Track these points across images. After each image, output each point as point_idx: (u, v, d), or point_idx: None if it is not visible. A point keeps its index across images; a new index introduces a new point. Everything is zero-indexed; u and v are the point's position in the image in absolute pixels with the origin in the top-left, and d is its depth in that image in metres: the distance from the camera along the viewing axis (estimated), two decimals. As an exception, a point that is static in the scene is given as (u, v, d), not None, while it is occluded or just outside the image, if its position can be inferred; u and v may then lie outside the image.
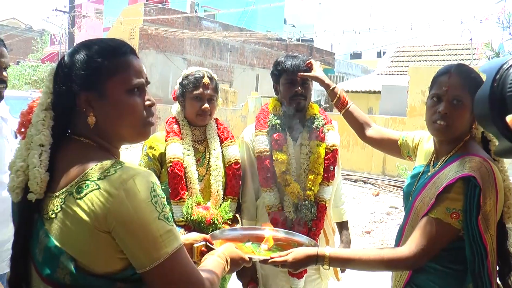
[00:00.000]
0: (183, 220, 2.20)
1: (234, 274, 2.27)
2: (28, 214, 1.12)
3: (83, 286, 1.08)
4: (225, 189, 2.36)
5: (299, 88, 2.33)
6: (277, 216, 2.30)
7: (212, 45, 22.61)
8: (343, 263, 1.70)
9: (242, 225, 2.43)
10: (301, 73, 2.28)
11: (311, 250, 1.65)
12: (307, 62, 2.32)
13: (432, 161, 1.75)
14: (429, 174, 1.70)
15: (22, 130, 1.19)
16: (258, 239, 1.82)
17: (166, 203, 1.11)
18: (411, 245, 1.54)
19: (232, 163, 2.37)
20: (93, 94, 1.15)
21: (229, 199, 2.34)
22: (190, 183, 2.25)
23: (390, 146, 2.09)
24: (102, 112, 1.17)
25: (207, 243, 1.62)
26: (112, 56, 1.17)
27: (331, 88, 2.22)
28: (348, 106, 2.19)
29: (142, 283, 1.11)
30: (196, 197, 2.24)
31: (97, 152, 1.16)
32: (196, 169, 2.29)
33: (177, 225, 2.18)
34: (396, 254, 1.56)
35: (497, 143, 1.67)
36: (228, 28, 23.71)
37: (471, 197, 1.47)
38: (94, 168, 1.08)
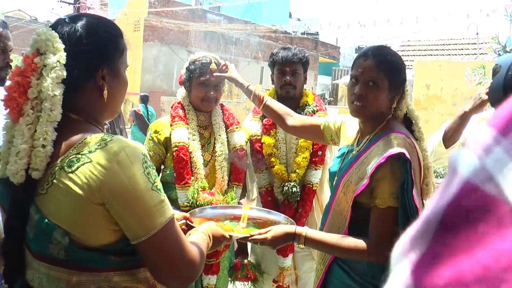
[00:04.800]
0: (188, 205, 2.21)
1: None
2: (28, 193, 1.09)
3: (77, 260, 1.09)
4: (230, 175, 2.37)
5: (288, 78, 2.46)
6: (266, 196, 2.47)
7: (216, 38, 22.57)
8: (316, 244, 1.72)
9: None
10: (216, 74, 2.29)
11: (290, 228, 1.70)
12: (223, 64, 2.36)
13: (356, 140, 1.79)
14: (353, 153, 1.74)
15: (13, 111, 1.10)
16: (237, 218, 1.88)
17: (156, 174, 1.13)
18: (374, 237, 1.58)
19: (237, 149, 2.38)
20: (109, 69, 1.20)
21: (234, 186, 2.35)
22: (195, 168, 2.25)
23: (313, 132, 2.12)
24: (110, 87, 1.21)
25: (187, 221, 1.65)
26: (123, 36, 1.27)
27: (246, 87, 2.27)
28: (265, 101, 2.22)
29: (135, 255, 1.12)
30: (201, 182, 2.24)
31: (86, 127, 1.16)
32: (201, 155, 2.29)
33: (182, 210, 2.19)
34: (365, 246, 1.59)
35: (420, 125, 1.71)
36: (233, 21, 23.64)
37: (405, 172, 1.51)
38: (83, 142, 1.09)
